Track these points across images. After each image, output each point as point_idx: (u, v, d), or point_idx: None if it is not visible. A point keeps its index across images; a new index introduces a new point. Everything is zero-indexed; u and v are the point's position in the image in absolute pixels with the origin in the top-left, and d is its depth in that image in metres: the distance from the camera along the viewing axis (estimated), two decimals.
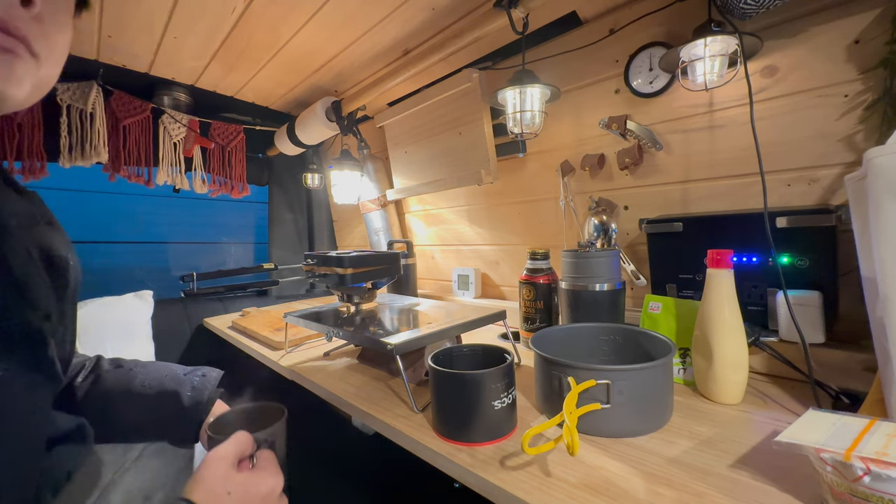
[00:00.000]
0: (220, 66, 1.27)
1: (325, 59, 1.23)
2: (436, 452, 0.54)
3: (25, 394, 0.39)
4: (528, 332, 0.94)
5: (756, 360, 0.72)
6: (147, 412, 0.62)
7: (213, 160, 1.56)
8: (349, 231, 1.96)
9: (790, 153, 0.77)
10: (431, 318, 0.85)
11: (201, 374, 0.67)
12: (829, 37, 0.71)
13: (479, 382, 0.53)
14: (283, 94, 1.51)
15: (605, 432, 0.55)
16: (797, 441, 0.38)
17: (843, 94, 0.71)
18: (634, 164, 0.96)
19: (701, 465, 0.47)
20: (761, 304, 0.76)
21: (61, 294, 0.44)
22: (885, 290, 0.45)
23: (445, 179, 1.29)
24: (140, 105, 1.36)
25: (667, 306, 0.75)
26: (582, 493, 0.44)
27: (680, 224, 0.83)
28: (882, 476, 0.33)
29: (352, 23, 1.04)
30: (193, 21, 1.02)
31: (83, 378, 0.62)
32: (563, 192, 1.09)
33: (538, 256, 0.94)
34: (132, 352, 1.24)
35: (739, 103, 0.81)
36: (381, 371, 0.85)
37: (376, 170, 1.59)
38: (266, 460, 0.51)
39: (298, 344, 1.05)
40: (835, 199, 0.74)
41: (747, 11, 0.69)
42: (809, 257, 0.71)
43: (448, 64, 1.16)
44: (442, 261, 1.57)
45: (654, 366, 0.55)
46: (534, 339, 0.67)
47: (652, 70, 0.90)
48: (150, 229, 3.80)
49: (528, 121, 0.89)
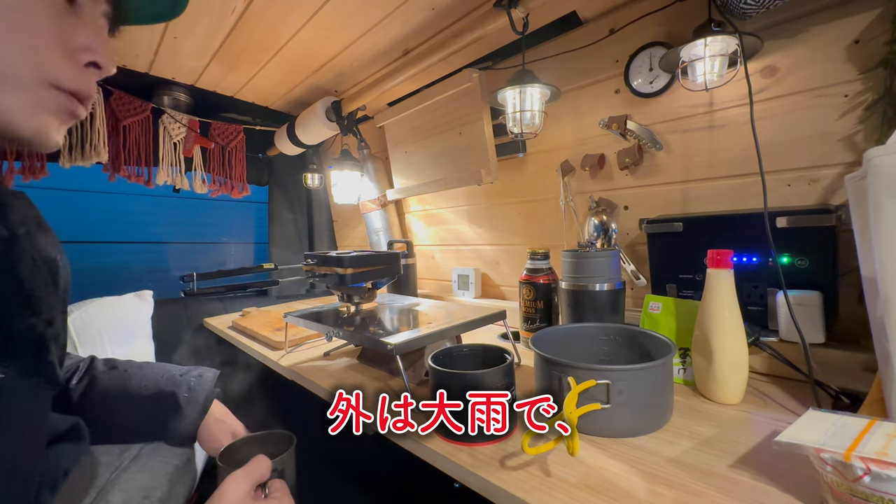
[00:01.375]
0: (220, 66, 1.27)
1: (325, 59, 1.23)
2: (436, 452, 0.54)
3: (26, 399, 0.39)
4: (528, 332, 0.94)
5: (756, 360, 0.72)
6: (143, 413, 0.62)
7: (213, 160, 1.56)
8: (349, 231, 1.96)
9: (790, 153, 0.77)
10: (431, 318, 0.85)
11: (197, 374, 0.67)
12: (828, 37, 0.71)
13: (479, 382, 0.53)
14: (283, 94, 1.51)
15: (605, 432, 0.55)
16: (797, 441, 0.38)
17: (843, 94, 0.71)
18: (634, 164, 0.96)
19: (701, 465, 0.47)
20: (761, 304, 0.76)
21: (58, 298, 0.44)
22: (885, 290, 0.45)
23: (445, 179, 1.29)
24: (140, 105, 1.36)
25: (667, 306, 0.75)
26: (582, 493, 0.44)
27: (680, 224, 0.83)
28: (882, 476, 0.33)
29: (352, 23, 1.04)
30: (193, 21, 1.02)
31: (78, 380, 0.62)
32: (563, 192, 1.09)
33: (538, 256, 0.94)
34: (132, 352, 1.24)
35: (739, 103, 0.81)
36: (381, 371, 0.85)
37: (376, 170, 1.59)
38: (279, 490, 0.51)
39: (298, 344, 1.05)
40: (835, 199, 0.74)
41: (747, 11, 0.69)
42: (809, 257, 0.71)
43: (448, 64, 1.16)
44: (442, 261, 1.57)
45: (654, 366, 0.55)
46: (534, 339, 0.67)
47: (652, 70, 0.90)
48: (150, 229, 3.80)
49: (527, 120, 0.89)
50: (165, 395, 0.63)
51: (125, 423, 0.62)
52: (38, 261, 0.40)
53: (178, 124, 1.44)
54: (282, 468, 0.54)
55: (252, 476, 0.49)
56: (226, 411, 0.68)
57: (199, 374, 0.67)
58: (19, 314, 0.37)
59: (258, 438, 0.62)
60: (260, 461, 0.51)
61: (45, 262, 0.41)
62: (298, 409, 1.48)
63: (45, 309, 0.40)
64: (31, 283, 0.38)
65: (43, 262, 0.41)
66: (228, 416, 0.68)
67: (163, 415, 0.63)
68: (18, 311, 0.37)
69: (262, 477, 0.50)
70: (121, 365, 0.66)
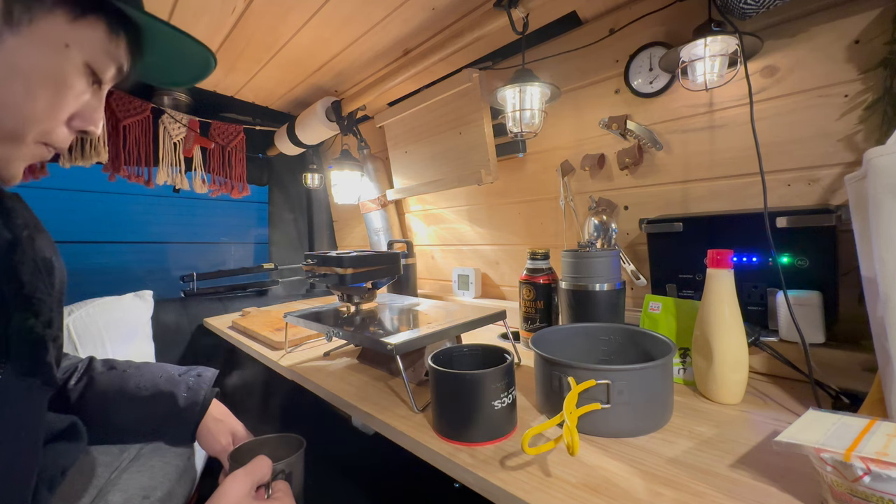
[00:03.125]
0: (221, 65, 1.26)
1: (326, 59, 1.23)
2: (436, 452, 0.54)
3: (23, 399, 0.39)
4: (528, 332, 0.94)
5: (756, 360, 0.72)
6: (142, 414, 0.62)
7: (213, 160, 1.55)
8: (349, 231, 1.96)
9: (790, 153, 0.77)
10: (431, 318, 0.85)
11: (196, 375, 0.67)
12: (829, 37, 0.71)
13: (479, 382, 0.53)
14: (283, 94, 1.51)
15: (605, 432, 0.55)
16: (797, 441, 0.38)
17: (843, 94, 0.71)
18: (634, 164, 0.96)
19: (701, 465, 0.47)
20: (761, 304, 0.76)
21: (55, 299, 0.45)
22: (886, 290, 0.45)
23: (445, 179, 1.29)
24: (140, 105, 1.36)
25: (667, 306, 0.75)
26: (582, 493, 0.44)
27: (680, 224, 0.83)
28: (882, 476, 0.33)
29: (352, 23, 1.04)
30: (193, 21, 1.02)
31: (76, 381, 0.62)
32: (563, 192, 1.09)
33: (538, 256, 0.94)
34: (132, 352, 1.24)
35: (739, 103, 0.81)
36: (381, 371, 0.85)
37: (376, 170, 1.59)
38: (281, 491, 0.51)
39: (298, 344, 1.05)
40: (835, 199, 0.74)
41: (747, 11, 0.69)
42: (809, 257, 0.71)
43: (448, 64, 1.16)
44: (442, 261, 1.57)
45: (654, 366, 0.55)
46: (534, 339, 0.67)
47: (652, 70, 0.90)
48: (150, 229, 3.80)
49: (527, 120, 0.89)
50: (164, 395, 0.63)
51: (123, 423, 0.62)
52: (38, 262, 0.40)
53: (178, 124, 1.44)
54: (289, 471, 0.54)
55: (252, 476, 0.49)
56: (225, 411, 0.68)
57: (197, 373, 0.67)
58: (19, 315, 0.37)
59: (269, 441, 0.62)
60: (261, 461, 0.51)
61: (44, 264, 0.41)
62: (298, 409, 1.48)
63: (45, 310, 0.40)
64: (31, 285, 0.38)
65: (42, 263, 0.41)
66: (227, 415, 0.68)
67: (161, 415, 0.63)
68: (18, 312, 0.37)
69: (262, 477, 0.50)
70: (119, 365, 0.66)
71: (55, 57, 0.38)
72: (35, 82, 0.37)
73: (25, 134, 0.38)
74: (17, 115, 0.37)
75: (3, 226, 0.37)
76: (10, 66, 0.36)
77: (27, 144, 0.39)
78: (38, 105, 0.38)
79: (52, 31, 0.37)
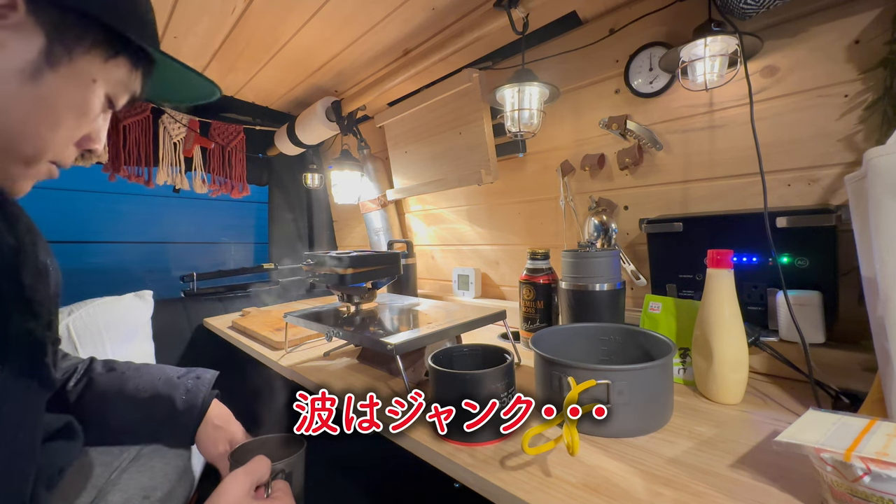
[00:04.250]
0: (221, 65, 1.26)
1: (326, 59, 1.23)
2: (436, 452, 0.54)
3: (21, 400, 0.39)
4: (528, 332, 0.94)
5: (756, 360, 0.72)
6: (140, 416, 0.62)
7: (213, 160, 1.56)
8: (349, 231, 1.96)
9: (790, 153, 0.77)
10: (431, 318, 0.85)
11: (195, 377, 0.67)
12: (829, 37, 0.71)
13: (479, 382, 0.53)
14: (283, 94, 1.51)
15: (605, 432, 0.55)
16: (797, 441, 0.38)
17: (843, 94, 0.71)
18: (634, 164, 0.95)
19: (701, 465, 0.47)
20: (761, 304, 0.76)
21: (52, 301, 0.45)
22: (885, 290, 0.45)
23: (445, 179, 1.29)
24: (140, 105, 1.36)
25: (667, 306, 0.75)
26: (582, 493, 0.44)
27: (680, 224, 0.83)
28: (882, 476, 0.33)
29: (352, 23, 1.04)
30: (193, 21, 1.02)
31: (75, 382, 0.62)
32: (563, 192, 1.09)
33: (538, 256, 0.94)
34: (132, 352, 1.24)
35: (739, 103, 0.81)
36: (381, 371, 0.85)
37: (376, 170, 1.59)
38: (280, 490, 0.51)
39: (298, 344, 1.05)
40: (835, 199, 0.74)
41: (747, 11, 0.69)
42: (809, 257, 0.71)
43: (448, 64, 1.16)
44: (442, 261, 1.57)
45: (654, 366, 0.55)
46: (534, 339, 0.67)
47: (652, 70, 0.90)
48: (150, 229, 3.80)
49: (525, 119, 0.89)
50: (162, 398, 0.63)
51: (121, 425, 0.62)
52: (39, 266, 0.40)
53: (177, 124, 1.44)
54: (289, 470, 0.54)
55: (251, 475, 0.49)
56: (225, 415, 0.68)
57: (196, 376, 0.67)
58: (19, 317, 0.38)
59: (269, 441, 0.62)
60: (260, 461, 0.51)
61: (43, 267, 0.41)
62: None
63: (44, 313, 0.40)
64: (31, 289, 0.39)
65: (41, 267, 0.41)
66: (228, 420, 0.67)
67: (159, 418, 0.63)
68: (18, 314, 0.38)
69: (262, 476, 0.50)
70: (119, 367, 0.66)
71: (84, 91, 0.41)
72: (63, 115, 0.40)
73: (42, 158, 0.41)
74: (40, 142, 0.40)
75: (7, 231, 0.37)
76: (44, 101, 0.38)
77: (40, 165, 0.42)
78: (60, 134, 0.41)
79: (85, 69, 0.40)
